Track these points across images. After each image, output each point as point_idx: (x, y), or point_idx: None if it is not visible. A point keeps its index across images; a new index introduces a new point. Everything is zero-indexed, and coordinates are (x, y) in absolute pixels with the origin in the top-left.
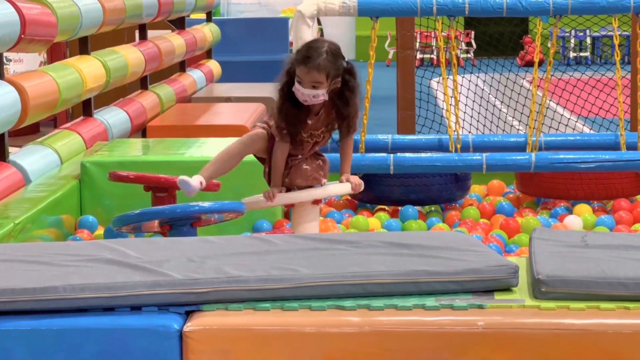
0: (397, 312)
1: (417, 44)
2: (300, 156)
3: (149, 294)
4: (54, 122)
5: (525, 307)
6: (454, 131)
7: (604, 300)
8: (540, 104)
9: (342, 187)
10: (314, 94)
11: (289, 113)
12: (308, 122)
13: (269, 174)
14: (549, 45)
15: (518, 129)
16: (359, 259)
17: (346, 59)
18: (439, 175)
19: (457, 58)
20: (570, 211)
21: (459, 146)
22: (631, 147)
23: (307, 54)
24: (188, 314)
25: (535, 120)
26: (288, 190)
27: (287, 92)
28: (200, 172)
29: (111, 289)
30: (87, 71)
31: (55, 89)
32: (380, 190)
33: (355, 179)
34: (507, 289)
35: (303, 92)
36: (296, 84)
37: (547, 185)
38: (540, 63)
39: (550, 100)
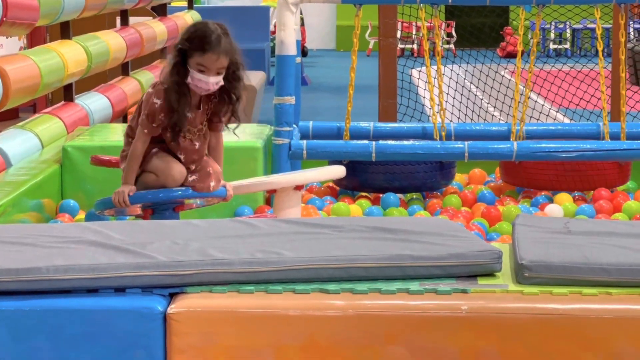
0: (381, 296)
1: (399, 34)
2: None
3: (132, 276)
4: (34, 107)
5: (508, 292)
6: (439, 120)
7: (587, 285)
8: (523, 94)
9: (329, 171)
10: (217, 81)
11: (183, 100)
12: (189, 116)
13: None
14: (529, 36)
15: (500, 119)
16: (343, 243)
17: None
18: (424, 163)
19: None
20: (551, 200)
21: (443, 134)
22: (612, 137)
23: (209, 39)
24: (172, 296)
25: (520, 111)
26: None
27: (180, 85)
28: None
29: (95, 270)
30: (69, 56)
31: (37, 73)
32: (364, 178)
33: (230, 187)
34: (490, 274)
35: (208, 81)
36: (196, 75)
37: (531, 176)
38: (521, 54)
39: (530, 91)
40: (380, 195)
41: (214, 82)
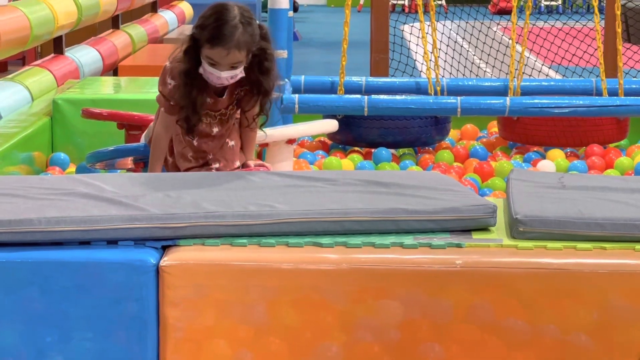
0: (375, 250)
1: None
2: (195, 139)
3: (125, 228)
4: (22, 60)
5: (502, 247)
6: (432, 75)
7: (581, 240)
8: (518, 51)
9: (321, 125)
10: (232, 75)
11: (198, 100)
12: (208, 102)
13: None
14: None
15: (492, 75)
16: (337, 196)
17: (258, 22)
18: (419, 118)
19: (429, 3)
20: (543, 156)
21: (438, 89)
22: (609, 92)
23: (221, 31)
24: (165, 249)
25: (516, 68)
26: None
27: (192, 76)
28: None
29: (87, 222)
30: (59, 7)
31: (27, 24)
32: (357, 132)
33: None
34: (485, 229)
35: (220, 76)
36: (207, 67)
37: (530, 132)
38: (511, 11)
39: (525, 48)
40: (372, 150)
41: (227, 76)
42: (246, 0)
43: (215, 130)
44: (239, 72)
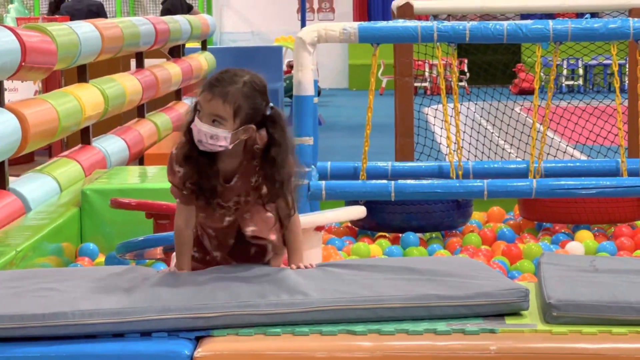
0: (409, 337)
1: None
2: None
3: (158, 319)
4: (49, 150)
5: (537, 332)
6: (456, 158)
7: (616, 324)
8: (539, 131)
9: (349, 211)
10: (212, 133)
11: (199, 163)
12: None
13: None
14: (541, 73)
15: (516, 156)
16: (369, 283)
17: (271, 104)
18: (441, 202)
19: (451, 85)
20: (571, 237)
21: (460, 173)
22: (631, 173)
23: (217, 77)
24: (198, 340)
25: (537, 148)
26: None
27: (194, 144)
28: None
29: (120, 314)
30: (86, 99)
31: (55, 116)
32: (382, 218)
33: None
34: (517, 313)
35: (200, 128)
36: (195, 118)
37: (550, 210)
38: (534, 91)
39: (547, 128)
40: (399, 234)
41: (205, 132)
42: (270, 86)
43: (227, 220)
44: (221, 135)
